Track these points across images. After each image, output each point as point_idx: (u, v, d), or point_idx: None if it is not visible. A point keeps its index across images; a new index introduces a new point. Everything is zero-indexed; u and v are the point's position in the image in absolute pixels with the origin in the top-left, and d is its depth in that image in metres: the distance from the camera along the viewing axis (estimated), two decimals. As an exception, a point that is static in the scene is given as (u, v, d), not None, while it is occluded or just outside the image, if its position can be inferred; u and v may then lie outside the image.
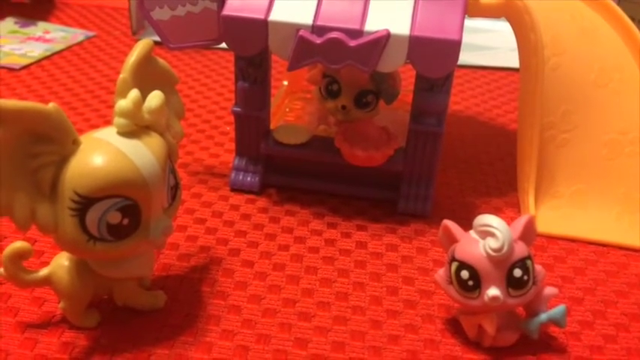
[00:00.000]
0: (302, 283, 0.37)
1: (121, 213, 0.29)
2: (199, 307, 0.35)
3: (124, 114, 0.29)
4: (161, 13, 0.41)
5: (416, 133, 0.42)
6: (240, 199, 0.45)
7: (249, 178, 0.45)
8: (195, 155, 0.50)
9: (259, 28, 0.39)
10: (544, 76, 0.43)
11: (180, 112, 0.35)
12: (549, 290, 0.33)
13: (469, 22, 0.51)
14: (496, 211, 0.45)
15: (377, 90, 0.44)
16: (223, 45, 0.42)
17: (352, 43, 0.37)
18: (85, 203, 0.28)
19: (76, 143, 0.29)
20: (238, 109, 0.44)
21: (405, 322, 0.35)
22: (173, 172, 0.32)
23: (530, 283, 0.32)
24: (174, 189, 0.32)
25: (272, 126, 0.46)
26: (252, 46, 0.40)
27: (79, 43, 0.71)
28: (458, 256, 0.32)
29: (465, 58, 0.63)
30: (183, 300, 0.35)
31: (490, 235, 0.31)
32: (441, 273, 0.33)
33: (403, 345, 0.34)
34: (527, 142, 0.44)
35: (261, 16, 0.39)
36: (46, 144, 0.28)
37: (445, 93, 0.41)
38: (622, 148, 0.44)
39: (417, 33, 0.37)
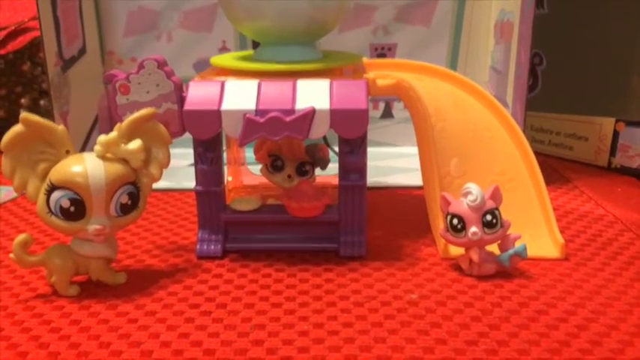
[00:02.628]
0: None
1: (69, 201, 0.44)
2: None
3: (100, 143, 0.45)
4: (131, 117, 0.52)
5: (344, 188, 0.53)
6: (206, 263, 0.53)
7: (212, 247, 0.54)
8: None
9: (214, 116, 0.50)
10: (434, 137, 0.56)
11: (163, 162, 0.48)
12: (514, 235, 0.49)
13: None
14: (414, 251, 0.55)
15: (312, 160, 0.55)
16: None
17: (288, 118, 0.49)
18: (52, 187, 0.44)
19: (68, 153, 0.45)
20: (199, 188, 0.54)
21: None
22: (133, 197, 0.45)
23: (499, 225, 0.49)
24: (128, 207, 0.45)
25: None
26: (209, 131, 0.50)
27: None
28: (450, 210, 0.49)
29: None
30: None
31: (469, 193, 0.48)
32: (441, 229, 0.50)
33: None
34: (432, 188, 0.56)
35: (215, 108, 0.50)
36: (49, 147, 0.44)
37: (362, 153, 0.53)
38: (503, 186, 0.56)
39: (335, 107, 0.50)
